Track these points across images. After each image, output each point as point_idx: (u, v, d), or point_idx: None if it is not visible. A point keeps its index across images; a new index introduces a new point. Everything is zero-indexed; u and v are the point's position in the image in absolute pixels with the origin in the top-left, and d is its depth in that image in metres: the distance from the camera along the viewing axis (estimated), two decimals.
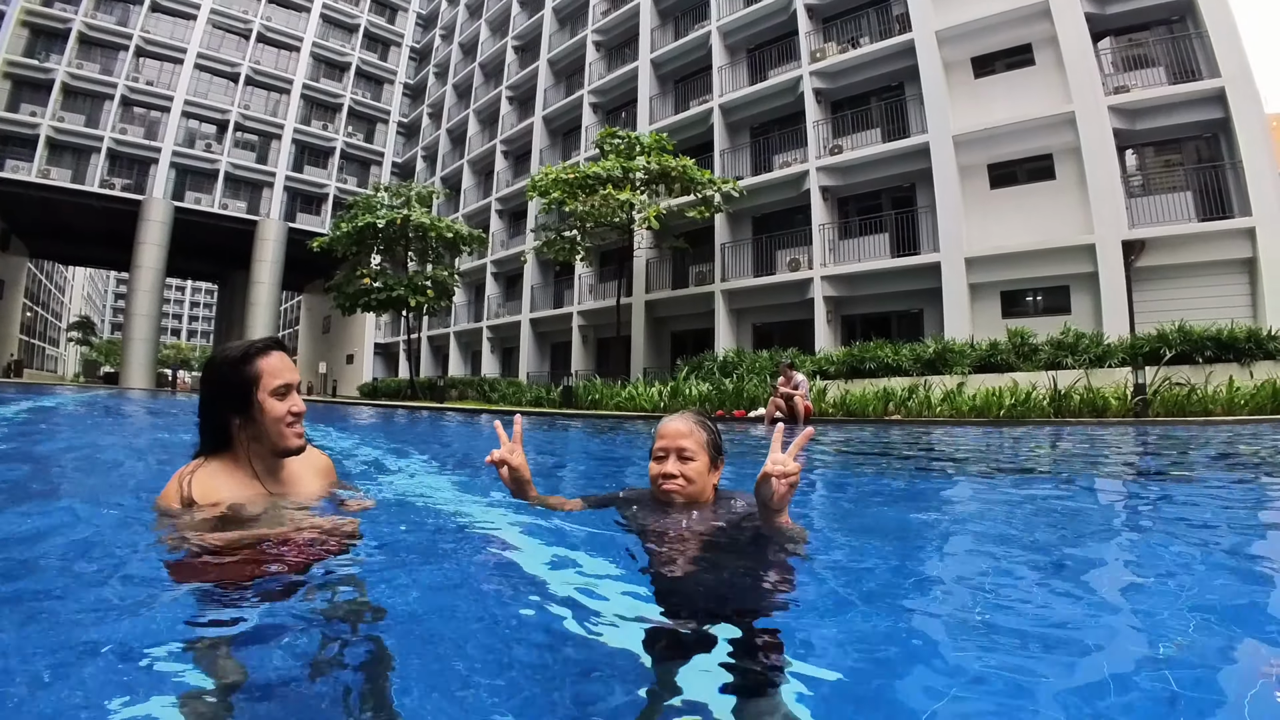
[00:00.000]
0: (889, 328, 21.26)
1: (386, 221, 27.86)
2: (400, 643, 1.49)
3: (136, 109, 41.45)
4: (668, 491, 2.31)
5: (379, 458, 6.34)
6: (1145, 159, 18.66)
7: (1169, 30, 18.49)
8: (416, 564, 2.18)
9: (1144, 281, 17.13)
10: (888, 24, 22.25)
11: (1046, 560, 2.51)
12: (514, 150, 38.09)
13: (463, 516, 2.89)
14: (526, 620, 1.72)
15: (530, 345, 33.37)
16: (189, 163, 42.22)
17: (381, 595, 1.79)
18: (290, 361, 2.27)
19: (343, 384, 49.63)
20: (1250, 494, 4.37)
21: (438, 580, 2.04)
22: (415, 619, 1.69)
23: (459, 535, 2.62)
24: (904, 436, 9.69)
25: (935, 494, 4.77)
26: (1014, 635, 1.63)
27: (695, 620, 1.69)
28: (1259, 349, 13.03)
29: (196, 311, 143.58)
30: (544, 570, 2.09)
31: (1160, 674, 1.37)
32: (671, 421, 2.38)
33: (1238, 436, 8.43)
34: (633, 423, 14.40)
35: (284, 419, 2.17)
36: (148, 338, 39.69)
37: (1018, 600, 1.96)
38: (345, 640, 1.50)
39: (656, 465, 2.35)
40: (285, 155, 45.60)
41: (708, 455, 2.35)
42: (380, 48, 52.60)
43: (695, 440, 2.33)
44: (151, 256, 39.26)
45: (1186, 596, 1.95)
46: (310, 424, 2.46)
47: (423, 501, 3.29)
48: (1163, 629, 1.65)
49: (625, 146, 22.34)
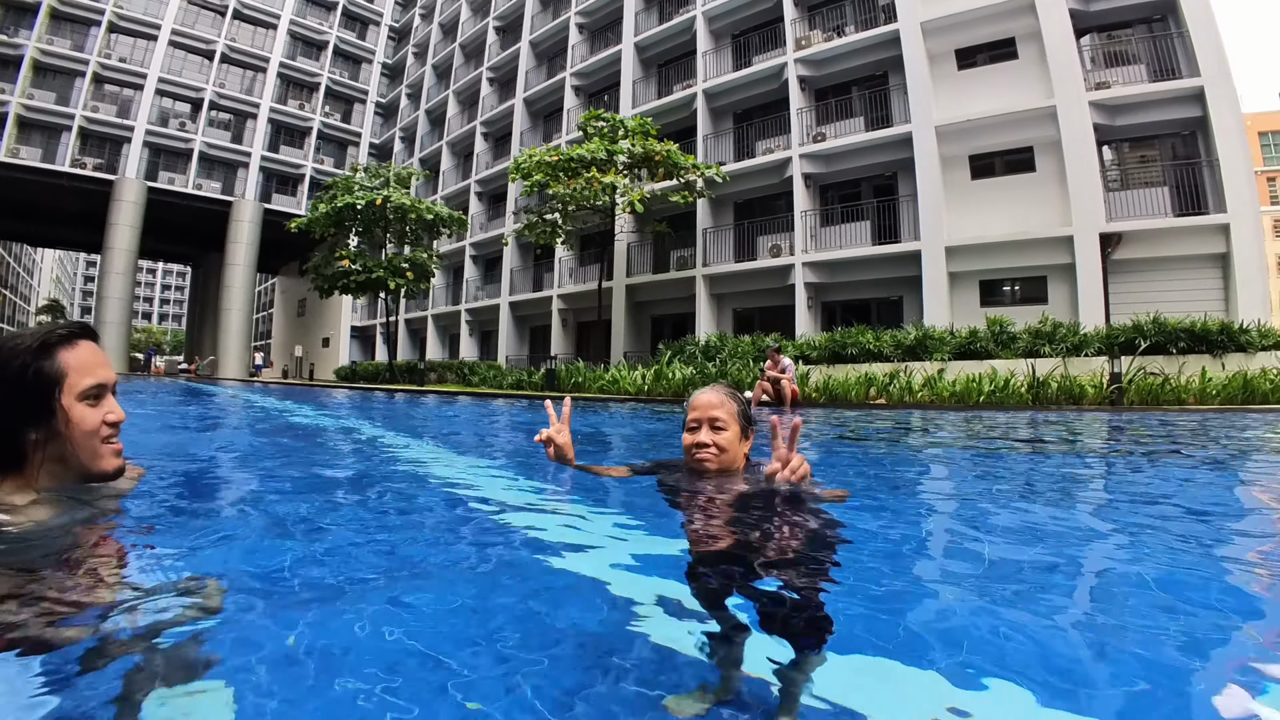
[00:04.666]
0: (869, 314, 21.43)
1: (366, 202, 27.52)
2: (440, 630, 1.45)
3: (109, 86, 40.24)
4: (701, 460, 2.40)
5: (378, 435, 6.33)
6: (1124, 154, 18.91)
7: (1150, 29, 18.74)
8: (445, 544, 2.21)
9: (1120, 273, 17.42)
10: (873, 14, 22.29)
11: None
12: (494, 132, 37.71)
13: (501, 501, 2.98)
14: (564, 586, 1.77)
15: (509, 329, 33.17)
16: (162, 142, 41.14)
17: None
18: (103, 355, 1.73)
19: (319, 367, 48.98)
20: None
21: (465, 557, 2.07)
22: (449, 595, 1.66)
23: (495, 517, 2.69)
24: (909, 418, 9.80)
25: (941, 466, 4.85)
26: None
27: (731, 582, 1.74)
28: (1230, 342, 13.30)
29: (169, 295, 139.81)
30: (577, 542, 2.14)
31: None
32: (704, 393, 2.46)
33: (1208, 423, 8.64)
34: (617, 405, 14.43)
35: (98, 432, 1.66)
36: (120, 321, 38.71)
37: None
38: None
39: (690, 436, 2.43)
40: (261, 135, 44.62)
41: (739, 425, 2.44)
42: (359, 26, 51.69)
43: (727, 411, 2.42)
44: (123, 238, 38.31)
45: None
46: (300, 402, 2.40)
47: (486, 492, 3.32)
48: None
49: (609, 129, 22.22)
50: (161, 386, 19.07)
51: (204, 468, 4.03)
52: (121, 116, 39.89)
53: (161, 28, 41.34)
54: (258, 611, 1.49)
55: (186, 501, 2.73)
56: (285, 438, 6.37)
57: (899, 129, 20.52)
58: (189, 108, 42.73)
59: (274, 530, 2.29)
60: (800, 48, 22.93)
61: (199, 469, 3.93)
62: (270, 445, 5.69)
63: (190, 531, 2.17)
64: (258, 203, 43.44)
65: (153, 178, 40.33)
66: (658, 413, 11.47)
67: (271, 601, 1.57)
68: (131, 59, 40.66)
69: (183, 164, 41.88)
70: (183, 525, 2.26)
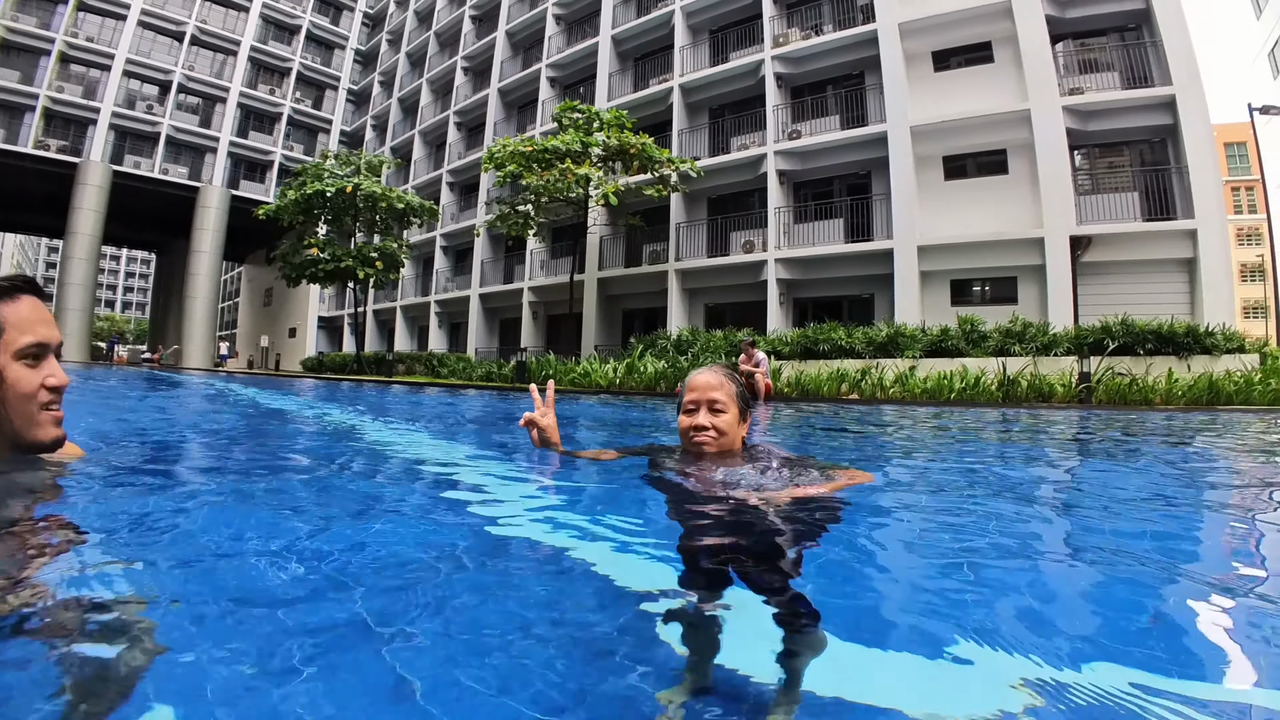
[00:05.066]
0: (841, 311, 21.44)
1: (336, 190, 26.96)
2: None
3: (75, 66, 38.81)
4: (699, 443, 2.33)
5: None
6: (1095, 158, 19.12)
7: (1123, 37, 19.00)
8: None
9: (1089, 275, 17.60)
10: (851, 13, 22.32)
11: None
12: (468, 122, 37.24)
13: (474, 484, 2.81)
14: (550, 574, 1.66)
15: (479, 321, 32.77)
16: (129, 125, 39.79)
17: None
18: (47, 313, 1.56)
19: (285, 358, 48.04)
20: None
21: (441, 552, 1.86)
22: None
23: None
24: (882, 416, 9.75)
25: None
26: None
27: (725, 569, 1.62)
28: (1196, 344, 13.47)
29: (132, 282, 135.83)
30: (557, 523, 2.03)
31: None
32: (701, 374, 2.39)
33: (1174, 422, 8.70)
34: (588, 398, 14.29)
35: (35, 396, 1.51)
36: (82, 308, 37.47)
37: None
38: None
39: (687, 418, 2.37)
40: (230, 119, 43.38)
41: (738, 407, 2.37)
42: (332, 11, 50.63)
43: (726, 392, 2.35)
44: (87, 222, 37.03)
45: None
46: (276, 392, 2.19)
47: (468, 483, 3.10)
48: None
49: (584, 121, 22.02)
50: (123, 376, 18.49)
51: (155, 453, 3.78)
52: (87, 98, 38.51)
53: (131, 7, 39.94)
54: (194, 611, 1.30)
55: (133, 487, 2.49)
56: (245, 423, 6.13)
57: (874, 128, 20.56)
58: (157, 90, 41.43)
59: (224, 523, 2.07)
60: (778, 45, 22.89)
61: (149, 453, 3.69)
62: (228, 430, 5.45)
63: (131, 523, 1.95)
64: (225, 189, 42.34)
65: (118, 161, 39.06)
66: (630, 405, 11.35)
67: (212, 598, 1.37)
68: (99, 39, 39.26)
69: (149, 148, 40.61)
70: (125, 513, 2.04)
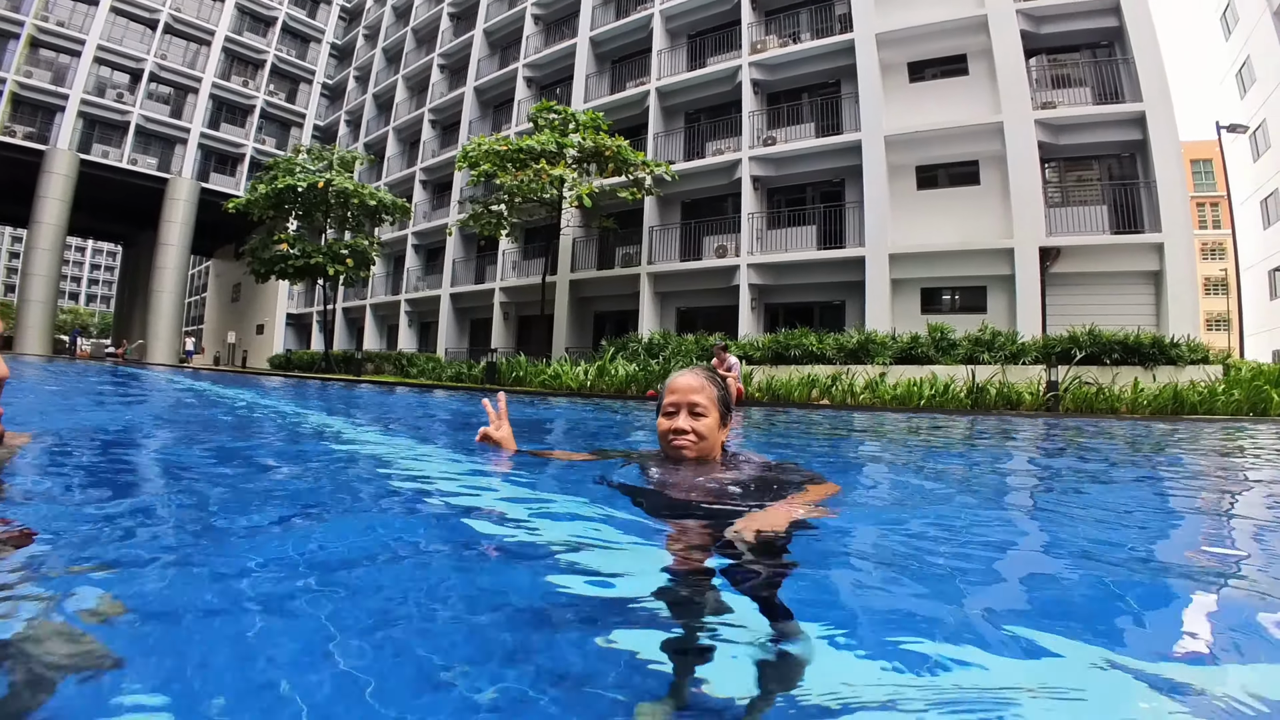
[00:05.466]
0: (812, 317, 21.45)
1: (307, 185, 26.48)
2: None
3: (44, 51, 37.72)
4: (678, 447, 2.24)
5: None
6: (1065, 172, 19.36)
7: (1095, 54, 19.29)
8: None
9: (1057, 286, 17.78)
10: (829, 22, 22.44)
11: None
12: (442, 120, 36.89)
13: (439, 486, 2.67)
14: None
15: (450, 321, 32.38)
16: (98, 113, 38.73)
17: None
18: None
19: (252, 355, 47.19)
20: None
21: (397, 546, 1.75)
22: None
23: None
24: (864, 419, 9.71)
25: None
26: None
27: (705, 579, 1.56)
28: (1162, 355, 13.58)
29: (98, 274, 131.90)
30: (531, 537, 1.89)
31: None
32: (682, 376, 2.31)
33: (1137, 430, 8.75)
34: (559, 401, 14.13)
35: None
36: (45, 300, 36.53)
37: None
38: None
39: (667, 421, 2.27)
40: (202, 111, 42.44)
41: (719, 411, 2.29)
42: (309, 4, 49.78)
43: (707, 396, 2.27)
44: (53, 212, 36.06)
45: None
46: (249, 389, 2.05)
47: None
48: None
49: (560, 122, 21.88)
50: (84, 370, 17.85)
51: (107, 445, 3.58)
52: (56, 84, 37.44)
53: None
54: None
55: (81, 478, 2.31)
56: (201, 418, 5.91)
57: (849, 136, 20.65)
58: (128, 78, 40.43)
59: (169, 516, 1.91)
60: (756, 51, 22.93)
61: (100, 445, 3.49)
62: (185, 426, 5.23)
63: (78, 516, 1.79)
64: (195, 181, 41.45)
65: (86, 150, 38.05)
66: (601, 408, 11.21)
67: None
68: (70, 23, 38.21)
69: (118, 137, 39.64)
70: (71, 505, 1.87)
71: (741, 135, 22.69)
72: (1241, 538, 2.35)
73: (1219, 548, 2.22)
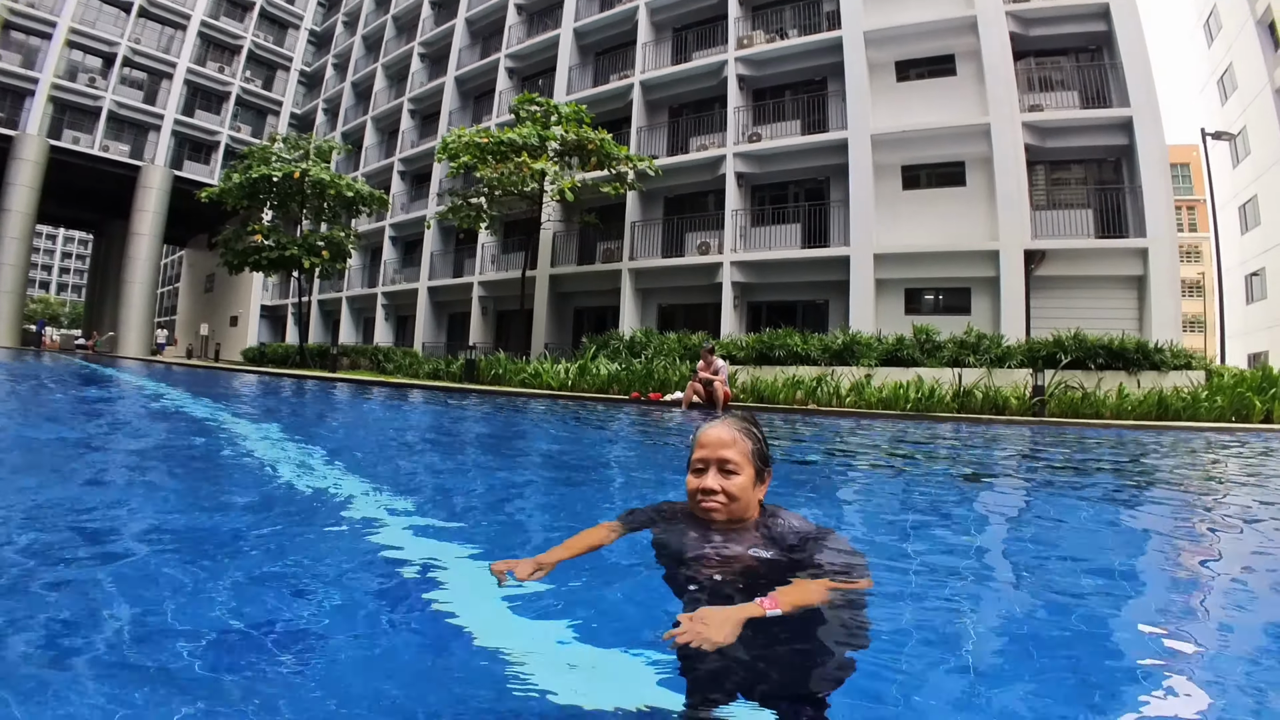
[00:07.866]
0: (795, 316, 21.28)
1: (283, 175, 25.93)
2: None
3: (14, 33, 36.44)
4: (707, 509, 2.01)
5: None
6: (1051, 175, 19.34)
7: (1077, 59, 19.28)
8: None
9: (1041, 289, 17.75)
10: (817, 19, 22.24)
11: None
12: (422, 110, 36.32)
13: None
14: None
15: (427, 315, 31.92)
16: (69, 98, 37.62)
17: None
18: None
19: (226, 348, 46.36)
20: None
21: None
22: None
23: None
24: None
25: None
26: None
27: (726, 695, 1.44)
28: (1146, 360, 13.53)
29: (68, 264, 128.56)
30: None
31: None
32: (713, 429, 2.07)
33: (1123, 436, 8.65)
34: (538, 401, 13.87)
35: None
36: (13, 290, 35.52)
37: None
38: None
39: (695, 479, 2.04)
40: (176, 97, 41.37)
41: (753, 467, 2.03)
42: None
43: (739, 451, 2.01)
44: (21, 200, 35.02)
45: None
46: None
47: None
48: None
49: (542, 114, 21.52)
50: (42, 373, 16.50)
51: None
52: (26, 67, 36.25)
53: None
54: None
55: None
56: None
57: (835, 134, 20.50)
58: (100, 62, 39.27)
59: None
60: (742, 47, 22.69)
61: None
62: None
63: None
64: (168, 169, 40.46)
65: (56, 136, 36.95)
66: (582, 409, 10.97)
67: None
68: (41, 4, 36.86)
69: (90, 123, 38.49)
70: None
71: (726, 131, 22.45)
72: None
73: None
